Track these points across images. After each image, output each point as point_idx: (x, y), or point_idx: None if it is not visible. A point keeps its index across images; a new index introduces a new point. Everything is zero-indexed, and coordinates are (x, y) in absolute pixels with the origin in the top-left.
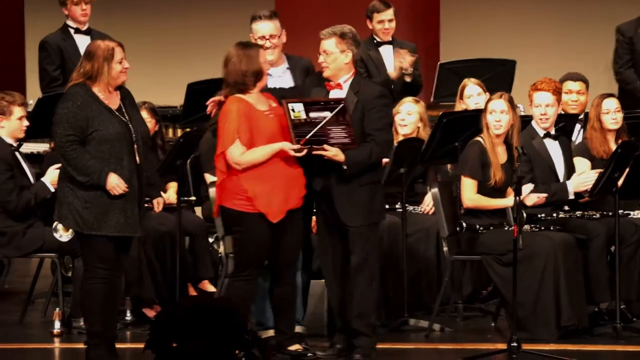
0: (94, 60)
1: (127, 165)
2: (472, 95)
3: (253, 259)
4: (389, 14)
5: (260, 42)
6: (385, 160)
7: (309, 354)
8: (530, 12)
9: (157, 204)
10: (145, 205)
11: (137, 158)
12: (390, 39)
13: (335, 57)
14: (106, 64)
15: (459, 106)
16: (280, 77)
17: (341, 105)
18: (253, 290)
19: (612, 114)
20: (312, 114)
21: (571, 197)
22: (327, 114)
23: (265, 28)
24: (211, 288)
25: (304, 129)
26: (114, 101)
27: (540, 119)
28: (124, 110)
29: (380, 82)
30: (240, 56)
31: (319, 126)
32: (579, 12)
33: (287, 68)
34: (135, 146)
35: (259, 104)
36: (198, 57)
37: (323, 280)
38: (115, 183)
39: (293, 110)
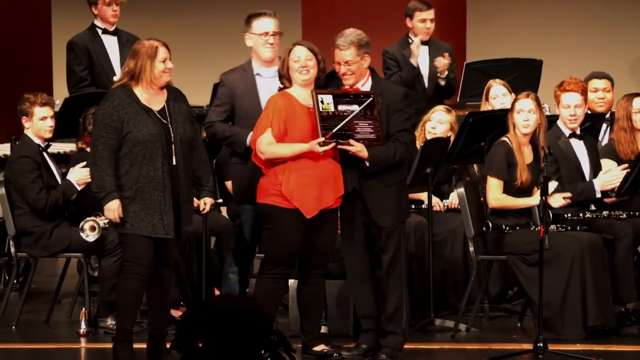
0: (137, 58)
1: (160, 167)
2: (498, 96)
3: (283, 257)
4: (431, 13)
5: (263, 37)
6: None
7: (335, 354)
8: (556, 11)
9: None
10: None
11: (175, 159)
12: (427, 39)
13: (358, 65)
14: (149, 62)
15: (485, 107)
16: (273, 77)
17: (370, 99)
18: (281, 289)
19: None
20: (341, 107)
21: (598, 195)
22: (356, 108)
23: (271, 24)
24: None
25: (331, 122)
26: (157, 102)
27: (569, 120)
28: (167, 111)
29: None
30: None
31: (346, 120)
32: (606, 13)
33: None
34: (174, 147)
35: (307, 100)
36: (223, 57)
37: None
38: (112, 208)
39: (322, 102)
